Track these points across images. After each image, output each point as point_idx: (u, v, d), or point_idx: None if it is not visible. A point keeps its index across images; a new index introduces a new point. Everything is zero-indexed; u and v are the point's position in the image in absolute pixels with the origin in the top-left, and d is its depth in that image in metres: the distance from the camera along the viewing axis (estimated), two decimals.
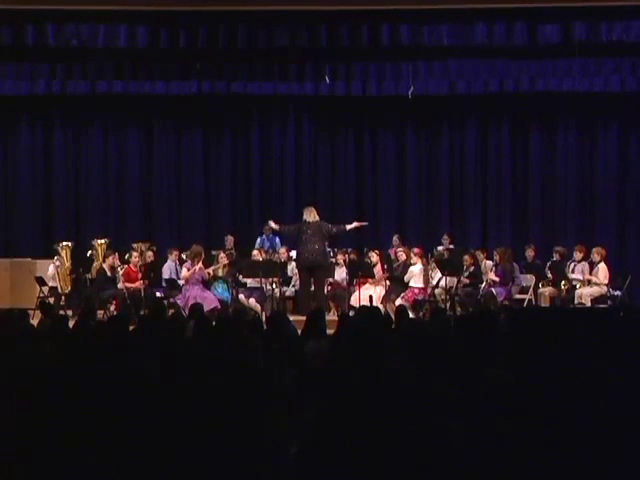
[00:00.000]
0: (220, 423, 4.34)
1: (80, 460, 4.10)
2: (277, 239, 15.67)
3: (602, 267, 13.49)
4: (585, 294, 13.33)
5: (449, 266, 13.74)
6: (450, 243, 15.43)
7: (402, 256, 14.15)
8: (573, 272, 13.73)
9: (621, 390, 4.79)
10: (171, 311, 11.96)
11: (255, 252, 14.33)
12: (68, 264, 14.46)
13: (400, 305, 11.26)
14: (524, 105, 16.13)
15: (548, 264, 14.09)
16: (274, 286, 13.59)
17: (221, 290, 13.57)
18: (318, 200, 15.47)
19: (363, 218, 16.73)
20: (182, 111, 16.56)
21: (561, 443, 4.11)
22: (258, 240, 15.68)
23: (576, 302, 13.29)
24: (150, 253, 14.51)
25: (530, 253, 14.25)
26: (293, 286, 14.24)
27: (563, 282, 13.59)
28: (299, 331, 7.80)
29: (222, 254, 14.07)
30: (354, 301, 13.29)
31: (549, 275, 13.90)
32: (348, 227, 13.73)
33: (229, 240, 15.24)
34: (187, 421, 4.35)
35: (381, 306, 12.89)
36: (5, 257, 15.28)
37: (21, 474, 4.11)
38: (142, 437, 4.23)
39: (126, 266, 13.88)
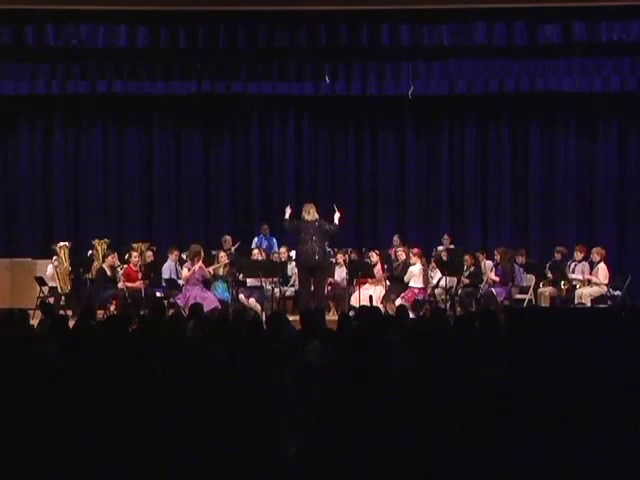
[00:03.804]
0: (219, 423, 4.34)
1: (80, 460, 4.10)
2: (274, 239, 15.67)
3: (602, 267, 13.49)
4: (585, 294, 13.32)
5: (449, 266, 13.74)
6: (450, 243, 15.43)
7: (402, 255, 14.15)
8: (573, 272, 13.72)
9: (621, 390, 4.79)
10: (171, 311, 11.97)
11: (255, 252, 14.33)
12: (67, 264, 14.46)
13: (400, 305, 11.26)
14: (524, 105, 16.13)
15: (548, 264, 14.08)
16: (274, 286, 13.59)
17: (221, 290, 13.57)
18: (318, 200, 15.45)
19: (363, 218, 16.83)
20: (182, 111, 16.56)
21: (561, 443, 4.11)
22: (255, 240, 15.68)
23: (576, 302, 13.28)
24: (150, 253, 14.50)
25: (520, 259, 14.09)
26: (292, 286, 14.24)
27: (563, 282, 13.58)
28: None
29: (222, 254, 14.06)
30: (354, 301, 13.28)
31: (549, 275, 13.89)
32: (336, 220, 13.53)
33: (227, 241, 15.22)
34: (187, 421, 4.35)
35: (381, 306, 12.89)
36: (5, 257, 15.27)
37: (21, 474, 4.11)
38: (141, 437, 4.23)
39: (126, 266, 13.88)
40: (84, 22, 14.86)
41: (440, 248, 15.08)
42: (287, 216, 13.67)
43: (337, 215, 13.45)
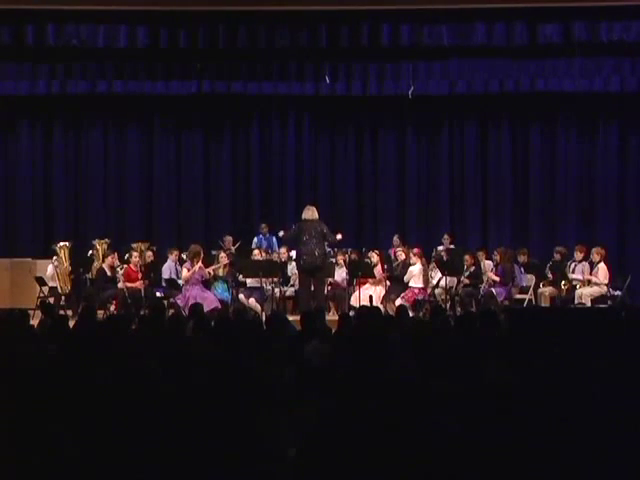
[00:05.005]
0: (219, 423, 4.34)
1: (80, 460, 4.10)
2: (274, 239, 15.66)
3: (602, 267, 13.49)
4: (585, 294, 13.33)
5: (449, 266, 13.74)
6: (451, 243, 15.42)
7: (401, 256, 14.16)
8: (573, 272, 13.72)
9: (621, 390, 4.79)
10: (171, 311, 11.97)
11: (256, 252, 14.33)
12: (67, 264, 14.46)
13: (400, 305, 11.26)
14: (524, 105, 16.13)
15: (548, 264, 14.08)
16: (274, 286, 13.59)
17: (221, 290, 13.57)
18: (318, 200, 15.46)
19: (363, 218, 16.84)
20: (182, 111, 16.55)
21: (561, 443, 4.11)
22: (255, 240, 15.68)
23: (576, 302, 13.29)
24: (150, 253, 14.50)
25: (522, 258, 14.10)
26: (292, 286, 14.24)
27: (563, 282, 13.59)
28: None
29: (222, 254, 14.07)
30: (354, 301, 13.29)
31: (549, 275, 13.90)
32: (338, 237, 13.62)
33: (227, 241, 15.22)
34: (187, 421, 4.35)
35: (381, 306, 12.90)
36: (5, 257, 15.27)
37: (21, 474, 4.11)
38: (141, 437, 4.23)
39: (126, 266, 13.88)
40: (84, 22, 14.88)
41: (440, 248, 15.08)
42: (281, 234, 13.85)
43: (339, 236, 13.52)
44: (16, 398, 4.70)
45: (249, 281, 13.82)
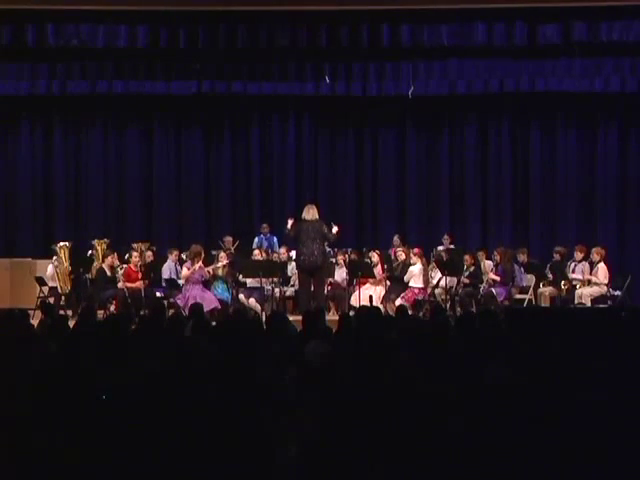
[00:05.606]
0: (219, 423, 4.34)
1: (80, 460, 4.10)
2: (275, 239, 15.67)
3: (602, 267, 13.49)
4: (585, 294, 13.33)
5: (449, 266, 13.74)
6: (451, 243, 15.43)
7: (401, 256, 14.16)
8: (573, 272, 13.72)
9: (621, 390, 4.79)
10: (171, 311, 11.97)
11: (256, 252, 14.34)
12: (67, 264, 14.46)
13: (400, 305, 11.26)
14: (524, 105, 16.14)
15: (548, 264, 14.07)
16: (274, 286, 13.59)
17: (221, 290, 13.57)
18: (318, 200, 15.46)
19: (363, 218, 16.84)
20: (182, 111, 16.57)
21: (561, 442, 4.11)
22: (255, 240, 15.68)
23: (576, 302, 13.29)
24: (149, 253, 14.50)
25: (522, 257, 14.11)
26: (292, 286, 14.24)
27: (563, 282, 13.59)
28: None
29: (222, 254, 14.06)
30: (354, 301, 13.29)
31: (549, 275, 13.89)
32: (334, 231, 13.51)
33: (227, 241, 15.22)
34: (186, 421, 4.35)
35: (381, 306, 12.89)
36: (5, 257, 15.27)
37: (21, 474, 4.11)
38: (142, 437, 4.23)
39: (126, 266, 13.88)
40: (84, 22, 14.88)
41: (440, 248, 15.07)
42: (289, 226, 13.58)
43: (335, 228, 13.42)
44: (16, 398, 4.70)
45: (249, 281, 13.82)
